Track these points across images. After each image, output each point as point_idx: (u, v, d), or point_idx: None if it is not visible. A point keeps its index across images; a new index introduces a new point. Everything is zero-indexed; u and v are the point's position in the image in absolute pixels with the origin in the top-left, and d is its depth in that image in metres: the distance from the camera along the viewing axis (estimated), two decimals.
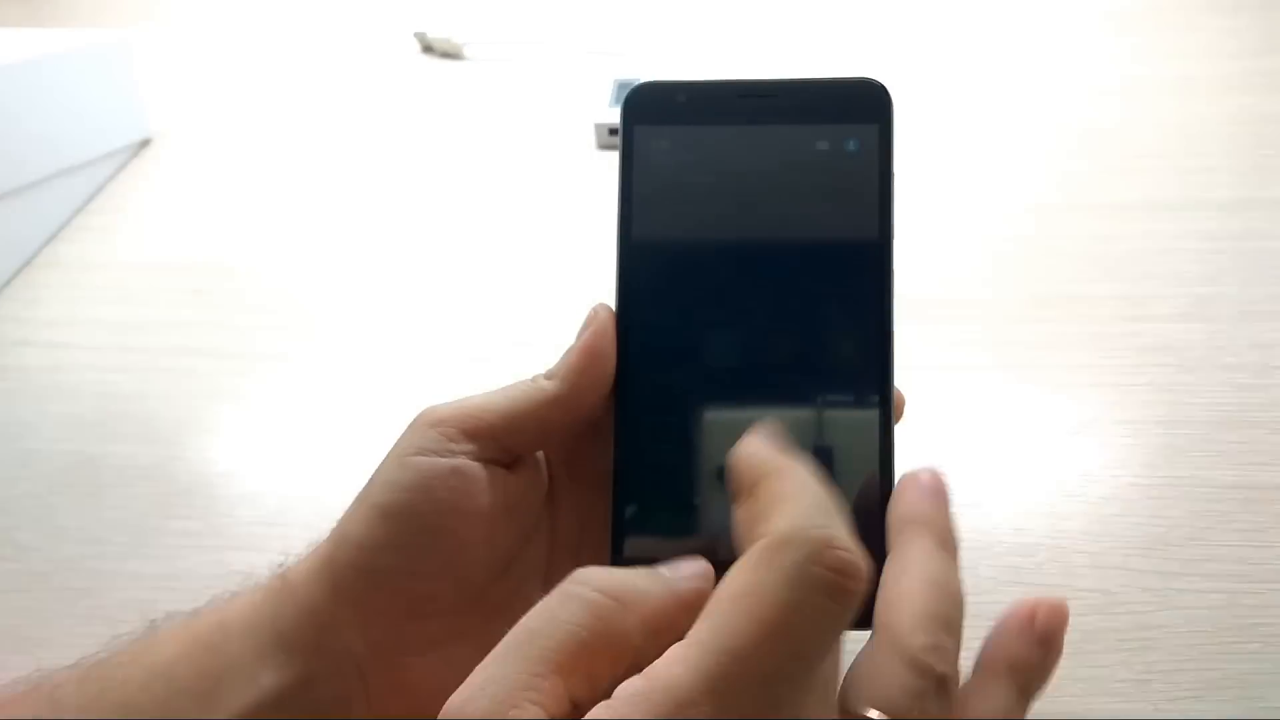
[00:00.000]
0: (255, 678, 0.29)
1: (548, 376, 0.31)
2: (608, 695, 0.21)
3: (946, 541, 0.26)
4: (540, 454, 0.33)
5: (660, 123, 0.31)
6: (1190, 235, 0.59)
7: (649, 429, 0.30)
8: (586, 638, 0.22)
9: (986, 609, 0.40)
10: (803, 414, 0.29)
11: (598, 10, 0.90)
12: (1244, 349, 0.51)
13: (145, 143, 0.78)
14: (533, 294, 0.60)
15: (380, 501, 0.29)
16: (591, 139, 0.72)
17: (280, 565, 0.32)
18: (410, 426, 0.31)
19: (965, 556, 0.42)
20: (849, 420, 0.29)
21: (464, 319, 0.59)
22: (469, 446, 0.29)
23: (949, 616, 0.24)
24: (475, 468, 0.29)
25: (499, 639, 0.31)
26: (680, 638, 0.22)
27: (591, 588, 0.23)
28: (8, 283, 0.65)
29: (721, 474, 0.27)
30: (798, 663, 0.21)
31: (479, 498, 0.29)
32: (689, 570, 0.25)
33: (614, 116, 0.72)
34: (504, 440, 0.30)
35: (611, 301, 0.31)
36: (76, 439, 0.53)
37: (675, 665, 0.20)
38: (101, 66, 0.74)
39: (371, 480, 0.30)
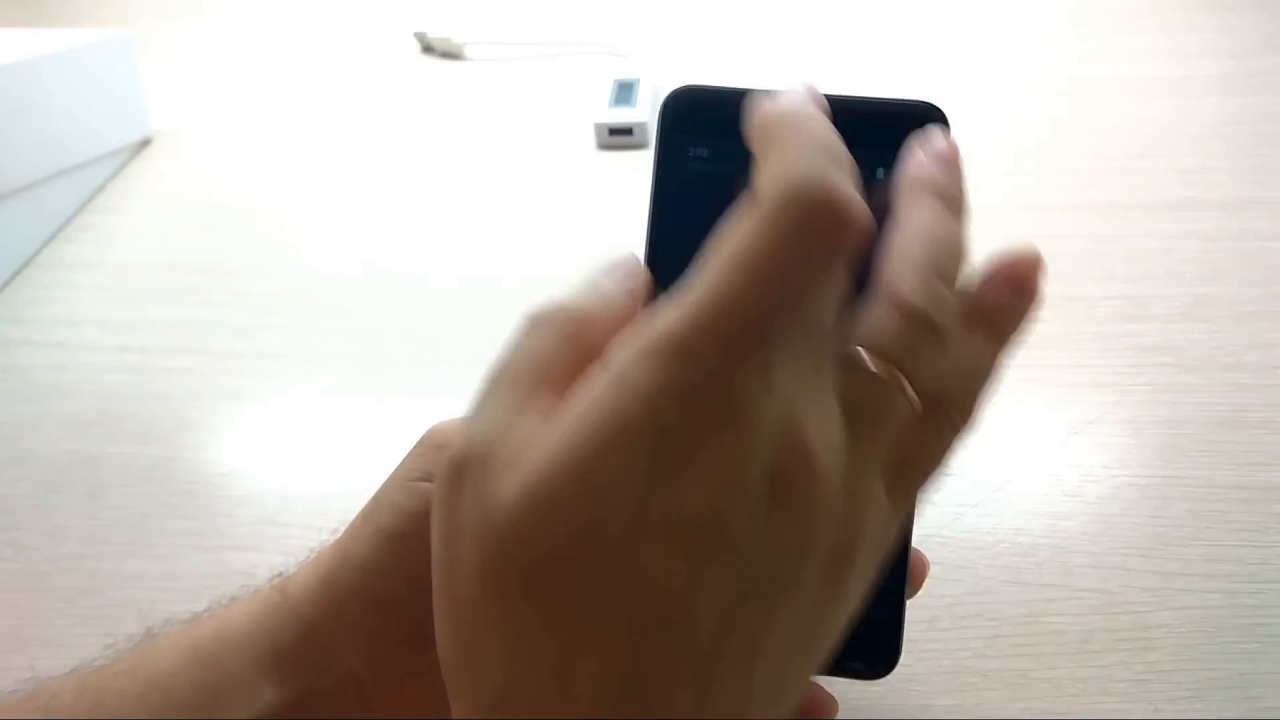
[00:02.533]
0: (255, 693, 0.29)
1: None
2: None
3: (952, 200, 0.25)
4: None
5: (700, 131, 0.29)
6: (1190, 235, 0.59)
7: None
8: (565, 355, 0.22)
9: (987, 609, 0.41)
10: None
11: (598, 10, 0.90)
12: (1244, 349, 0.51)
13: (146, 142, 0.78)
14: (532, 295, 0.60)
15: (385, 526, 0.29)
16: (591, 139, 0.72)
17: (279, 574, 0.32)
18: (417, 446, 0.30)
19: (964, 557, 0.42)
20: None
21: (463, 319, 0.59)
22: None
23: (945, 266, 0.24)
24: None
25: None
26: None
27: (552, 315, 0.24)
28: (8, 283, 0.65)
29: None
30: (790, 309, 0.20)
31: None
32: (623, 270, 0.25)
33: (614, 116, 0.72)
34: None
35: None
36: (76, 439, 0.53)
37: (667, 313, 0.20)
38: (101, 66, 0.74)
39: (376, 500, 0.30)
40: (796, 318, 0.21)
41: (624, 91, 0.74)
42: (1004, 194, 0.64)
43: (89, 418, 0.54)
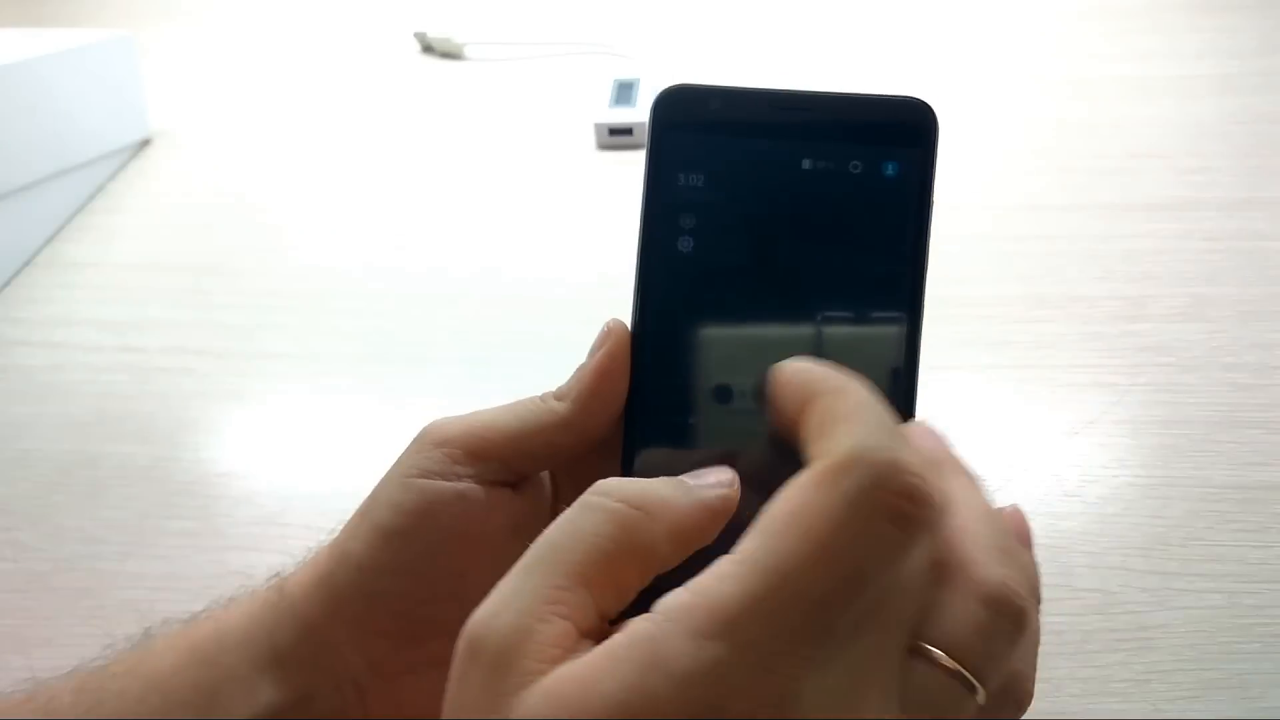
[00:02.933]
0: (253, 692, 0.28)
1: (558, 397, 0.30)
2: (635, 604, 0.21)
3: (974, 478, 0.25)
4: (546, 472, 0.32)
5: (690, 130, 0.29)
6: (1190, 235, 0.59)
7: (658, 455, 0.29)
8: (612, 549, 0.21)
9: None
10: None
11: (598, 10, 0.90)
12: (1244, 349, 0.51)
13: (145, 143, 0.78)
14: (531, 294, 0.60)
15: (383, 524, 0.29)
16: (591, 139, 0.72)
17: (276, 574, 0.32)
18: (415, 443, 0.30)
19: None
20: None
21: (463, 319, 0.59)
22: (474, 469, 0.29)
23: (1011, 549, 0.23)
24: (479, 491, 0.29)
25: None
26: (705, 545, 0.21)
27: (614, 498, 0.22)
28: (8, 283, 0.65)
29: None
30: (855, 591, 0.19)
31: (484, 522, 0.29)
32: (714, 479, 0.24)
33: (614, 116, 0.72)
34: (511, 463, 0.30)
35: (620, 313, 0.30)
36: (76, 439, 0.53)
37: (723, 582, 0.19)
38: (101, 66, 0.74)
39: (374, 497, 0.30)
40: (864, 601, 0.19)
41: (624, 91, 0.74)
42: (1004, 194, 0.64)
43: (88, 418, 0.54)
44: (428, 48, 0.87)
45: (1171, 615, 0.40)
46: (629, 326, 0.29)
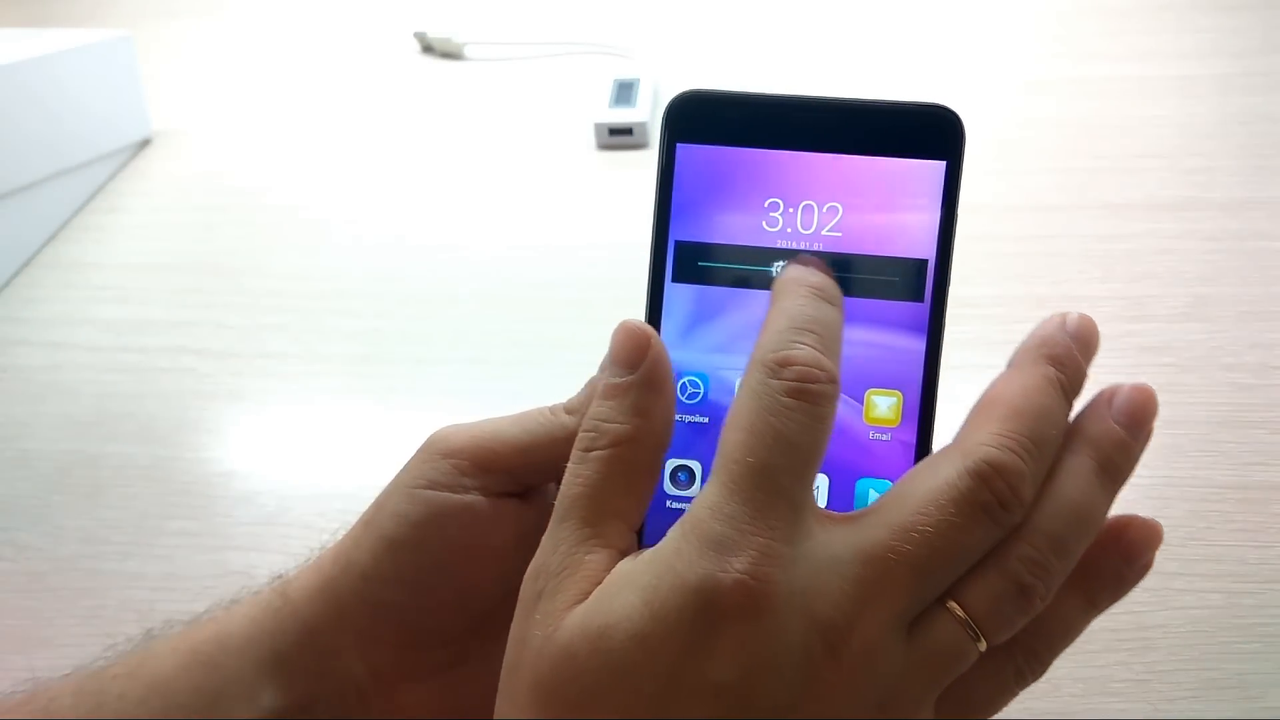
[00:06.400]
0: (255, 697, 0.29)
1: (568, 410, 0.30)
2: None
3: (1063, 374, 0.27)
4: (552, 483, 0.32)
5: (704, 140, 0.28)
6: (1190, 235, 0.59)
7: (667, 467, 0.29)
8: (619, 483, 0.25)
9: None
10: (835, 464, 0.28)
11: (598, 10, 0.90)
12: (1244, 349, 0.51)
13: (145, 142, 0.78)
14: (531, 294, 0.60)
15: (389, 534, 0.29)
16: (591, 139, 0.72)
17: (278, 577, 0.31)
18: (421, 452, 0.30)
19: None
20: (883, 480, 0.28)
21: (463, 319, 0.59)
22: (481, 481, 0.29)
23: (1037, 432, 0.25)
24: (486, 504, 0.29)
25: (500, 660, 0.31)
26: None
27: (604, 446, 0.25)
28: (8, 283, 0.65)
29: None
30: (787, 456, 0.23)
31: (490, 534, 0.29)
32: (652, 376, 0.26)
33: (614, 116, 0.72)
34: (518, 475, 0.29)
35: (622, 316, 0.30)
36: (75, 439, 0.53)
37: (704, 487, 0.23)
38: (102, 66, 0.74)
39: (380, 506, 0.30)
40: (799, 467, 0.23)
41: (624, 91, 0.74)
42: (1004, 194, 0.63)
43: (88, 418, 0.54)
44: (428, 48, 0.87)
45: (1171, 615, 0.40)
46: None
